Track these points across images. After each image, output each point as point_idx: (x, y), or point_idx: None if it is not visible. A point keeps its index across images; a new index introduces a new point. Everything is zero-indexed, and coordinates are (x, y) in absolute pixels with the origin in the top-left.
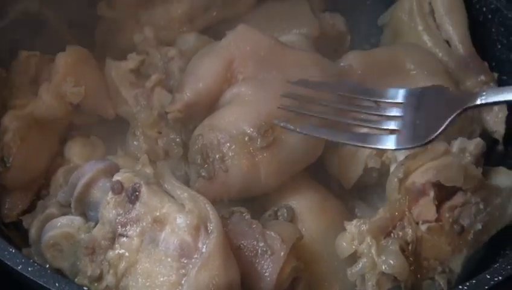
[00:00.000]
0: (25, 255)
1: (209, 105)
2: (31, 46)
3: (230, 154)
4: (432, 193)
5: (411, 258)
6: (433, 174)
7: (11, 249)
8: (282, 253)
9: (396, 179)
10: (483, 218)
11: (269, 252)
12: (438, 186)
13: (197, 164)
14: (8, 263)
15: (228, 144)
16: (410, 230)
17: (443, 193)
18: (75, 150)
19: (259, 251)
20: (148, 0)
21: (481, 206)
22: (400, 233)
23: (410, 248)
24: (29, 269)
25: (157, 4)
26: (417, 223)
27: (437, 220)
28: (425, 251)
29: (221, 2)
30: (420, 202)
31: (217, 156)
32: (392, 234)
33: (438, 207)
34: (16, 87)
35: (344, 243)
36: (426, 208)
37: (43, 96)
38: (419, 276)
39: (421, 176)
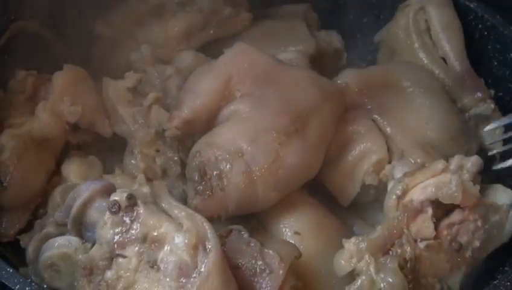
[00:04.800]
0: (23, 274)
1: (207, 122)
2: (28, 66)
3: (227, 171)
4: (430, 211)
5: (410, 276)
6: (431, 192)
7: (8, 269)
8: (280, 271)
9: (394, 197)
10: (481, 235)
11: (267, 271)
12: (436, 203)
13: (194, 180)
14: (6, 283)
15: (225, 161)
16: (409, 248)
17: (441, 210)
18: (72, 169)
19: (258, 270)
20: (145, 19)
21: (479, 224)
22: (399, 250)
23: (408, 265)
24: (27, 288)
25: (154, 22)
26: (415, 241)
27: (435, 237)
28: (423, 268)
29: (218, 21)
30: (418, 220)
31: (215, 173)
32: (390, 252)
33: (436, 224)
34: (13, 106)
35: (342, 261)
36: (424, 225)
37: (40, 115)
38: None
39: (419, 194)
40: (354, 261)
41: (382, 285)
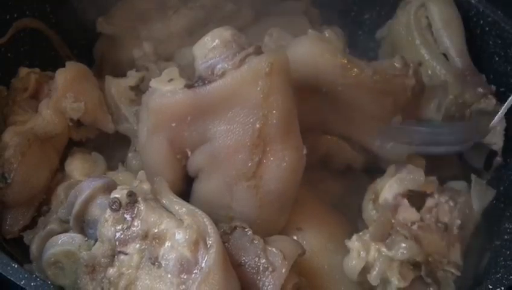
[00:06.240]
0: (27, 270)
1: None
2: (30, 63)
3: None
4: (405, 201)
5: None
6: (398, 185)
7: (13, 265)
8: (283, 270)
9: (370, 201)
10: (458, 214)
11: (270, 269)
12: (408, 196)
13: None
14: (11, 278)
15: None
16: (405, 231)
17: (415, 202)
18: (75, 166)
19: (261, 268)
20: (148, 16)
21: (451, 204)
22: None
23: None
24: (32, 283)
25: (156, 19)
26: (407, 225)
27: (421, 220)
28: (425, 247)
29: (220, 17)
30: (400, 211)
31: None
32: (392, 236)
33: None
34: (16, 103)
35: (353, 261)
36: (407, 212)
37: (43, 112)
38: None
39: (389, 192)
40: (364, 254)
41: (399, 254)
